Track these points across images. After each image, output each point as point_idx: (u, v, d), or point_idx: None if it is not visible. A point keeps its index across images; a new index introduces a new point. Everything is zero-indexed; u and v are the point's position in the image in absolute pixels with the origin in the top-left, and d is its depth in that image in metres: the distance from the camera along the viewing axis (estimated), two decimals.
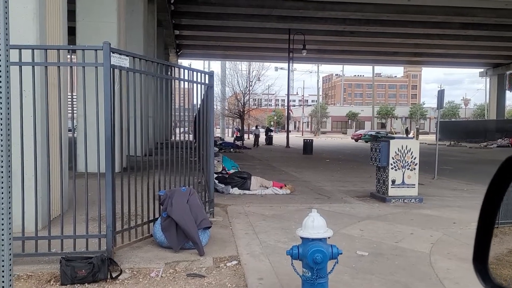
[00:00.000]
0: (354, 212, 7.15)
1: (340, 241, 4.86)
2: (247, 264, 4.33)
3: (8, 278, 2.01)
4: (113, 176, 4.32)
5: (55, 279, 3.89)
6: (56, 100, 4.66)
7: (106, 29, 10.36)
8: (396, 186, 8.00)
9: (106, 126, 4.23)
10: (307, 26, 25.49)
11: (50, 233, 4.31)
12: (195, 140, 6.65)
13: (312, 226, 3.25)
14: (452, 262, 4.49)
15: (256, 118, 53.59)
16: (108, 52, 4.18)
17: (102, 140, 4.24)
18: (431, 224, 6.25)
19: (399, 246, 5.10)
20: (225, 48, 33.60)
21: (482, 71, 44.16)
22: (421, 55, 35.56)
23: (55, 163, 5.09)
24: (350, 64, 53.25)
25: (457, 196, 8.96)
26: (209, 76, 6.39)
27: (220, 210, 6.95)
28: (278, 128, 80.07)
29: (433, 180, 11.51)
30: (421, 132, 52.41)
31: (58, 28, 6.01)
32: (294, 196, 8.64)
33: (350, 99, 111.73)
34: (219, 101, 41.01)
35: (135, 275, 4.05)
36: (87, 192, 4.37)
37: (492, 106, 44.18)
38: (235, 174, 9.67)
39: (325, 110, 79.73)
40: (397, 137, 10.48)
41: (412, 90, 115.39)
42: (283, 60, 32.65)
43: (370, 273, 4.14)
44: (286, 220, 6.37)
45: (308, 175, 12.53)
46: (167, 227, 4.67)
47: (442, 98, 12.35)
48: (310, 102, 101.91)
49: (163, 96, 5.50)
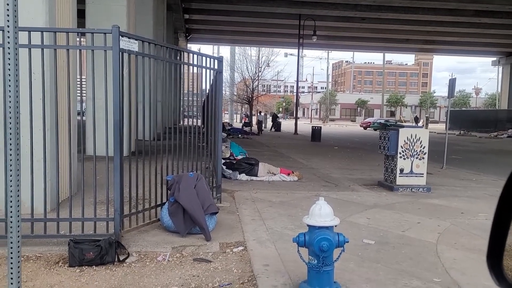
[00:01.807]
0: (361, 200, 7.13)
1: (346, 229, 4.86)
2: (253, 250, 4.35)
3: (16, 260, 2.03)
4: (121, 160, 4.34)
5: (63, 261, 3.94)
6: (65, 83, 4.66)
7: (115, 12, 10.30)
8: (404, 175, 7.96)
9: (114, 110, 4.23)
10: (317, 11, 25.18)
11: (59, 215, 4.36)
12: (203, 125, 6.64)
13: (319, 214, 3.24)
14: (459, 252, 4.47)
15: (265, 104, 53.42)
16: (117, 35, 4.16)
17: (110, 123, 4.25)
18: (439, 214, 6.22)
19: (406, 235, 5.09)
20: (234, 33, 33.34)
21: (495, 60, 43.41)
22: (433, 42, 35.01)
23: (64, 146, 5.12)
24: (360, 51, 52.62)
25: (466, 186, 8.89)
26: (218, 61, 6.34)
27: (227, 196, 6.97)
28: (286, 115, 79.81)
29: (442, 169, 11.43)
30: (431, 121, 51.93)
31: (67, 11, 5.98)
32: (301, 183, 8.63)
33: (360, 87, 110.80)
34: (227, 86, 40.89)
35: (142, 259, 4.09)
36: (96, 176, 4.40)
37: (503, 96, 43.50)
38: (243, 160, 9.68)
39: (334, 97, 79.21)
40: (406, 125, 10.37)
41: (422, 78, 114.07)
42: (293, 46, 32.38)
43: (376, 262, 4.14)
44: (293, 207, 6.37)
45: (316, 162, 12.50)
46: (175, 212, 4.70)
47: (454, 86, 12.17)
48: (319, 89, 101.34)
49: (172, 81, 5.48)
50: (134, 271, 3.82)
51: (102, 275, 3.72)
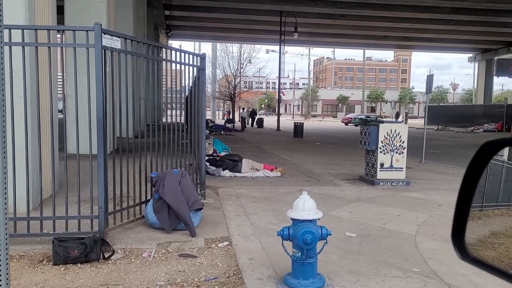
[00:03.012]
0: (343, 194, 7.26)
1: (329, 222, 4.96)
2: (238, 245, 4.42)
3: (4, 257, 2.04)
4: (105, 157, 4.33)
5: (47, 259, 3.93)
6: (46, 81, 4.62)
7: (95, 8, 10.17)
8: (385, 169, 8.13)
9: (98, 108, 4.22)
10: (299, 8, 25.30)
11: (42, 213, 4.33)
12: (186, 123, 6.66)
13: (303, 208, 3.32)
14: (437, 243, 4.63)
15: (247, 100, 53.40)
16: (100, 33, 4.15)
17: (93, 121, 4.24)
18: (418, 207, 6.40)
19: (386, 228, 5.23)
20: (216, 30, 33.21)
21: (471, 56, 44.34)
22: (411, 39, 35.55)
23: (46, 144, 5.07)
24: (341, 47, 53.04)
25: (443, 180, 9.13)
26: (201, 58, 6.36)
27: (212, 192, 7.01)
28: (269, 111, 79.94)
29: (421, 163, 11.69)
30: (410, 117, 52.80)
31: (47, 7, 5.91)
32: (284, 179, 8.73)
33: (341, 83, 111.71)
34: (209, 83, 40.70)
35: (127, 256, 4.11)
36: (79, 173, 4.39)
37: (479, 91, 44.53)
38: (226, 156, 9.72)
39: (316, 94, 79.67)
40: (386, 121, 10.56)
41: (402, 74, 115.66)
42: (275, 43, 32.43)
43: (357, 254, 4.25)
44: (277, 202, 6.46)
45: (299, 158, 12.63)
46: (159, 208, 4.72)
47: (431, 82, 12.46)
48: (301, 85, 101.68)
49: (154, 78, 5.48)
50: (120, 268, 3.84)
51: (87, 273, 3.73)
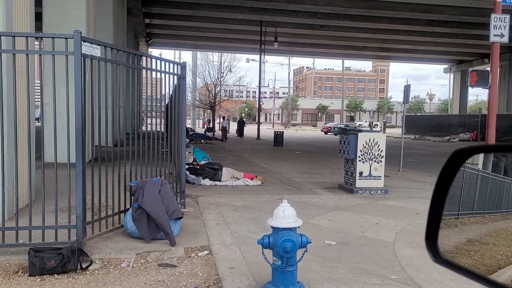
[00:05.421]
0: (323, 203, 7.33)
1: (309, 230, 4.99)
2: (218, 254, 4.40)
3: None
4: (84, 166, 4.28)
5: (23, 270, 3.85)
6: (24, 89, 4.55)
7: (74, 16, 10.06)
8: (364, 178, 8.24)
9: (77, 116, 4.18)
10: (278, 18, 25.57)
11: (18, 223, 4.24)
12: (166, 131, 6.63)
13: (283, 216, 3.35)
14: (414, 251, 4.71)
15: (227, 109, 53.45)
16: (79, 40, 4.12)
17: (72, 130, 4.18)
18: (396, 215, 6.50)
19: (365, 236, 5.30)
20: (196, 38, 33.25)
21: (447, 67, 45.54)
22: (388, 50, 36.33)
23: (23, 153, 4.98)
24: (320, 57, 53.81)
25: (421, 188, 9.30)
26: (181, 67, 6.36)
27: (192, 201, 6.97)
28: (249, 120, 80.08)
29: (399, 172, 11.89)
30: (388, 126, 53.78)
31: (25, 14, 5.83)
32: (264, 187, 8.75)
33: (321, 92, 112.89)
34: (189, 91, 40.62)
35: (105, 266, 4.05)
36: (57, 182, 4.31)
37: (455, 102, 45.69)
38: (206, 165, 9.69)
39: (295, 103, 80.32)
40: (364, 130, 10.74)
41: (380, 84, 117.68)
42: (255, 52, 32.63)
43: (337, 261, 4.29)
44: (257, 211, 6.47)
45: (279, 166, 12.68)
46: (139, 217, 4.67)
47: (408, 93, 12.74)
48: (281, 94, 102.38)
49: (134, 86, 5.46)
50: (98, 278, 3.78)
51: (64, 284, 3.66)
